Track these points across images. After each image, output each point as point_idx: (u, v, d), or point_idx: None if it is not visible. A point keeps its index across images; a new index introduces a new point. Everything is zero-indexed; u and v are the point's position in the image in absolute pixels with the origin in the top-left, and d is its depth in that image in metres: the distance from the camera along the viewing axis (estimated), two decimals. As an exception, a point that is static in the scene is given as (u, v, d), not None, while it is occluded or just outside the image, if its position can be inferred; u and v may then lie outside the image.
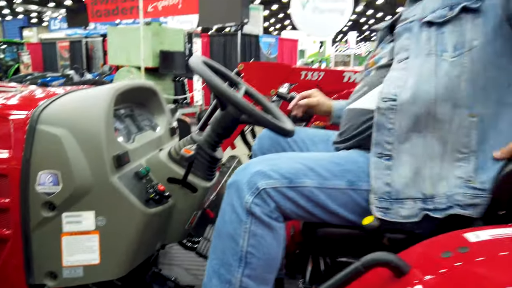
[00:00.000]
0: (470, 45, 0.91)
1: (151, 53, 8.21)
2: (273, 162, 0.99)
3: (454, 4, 0.94)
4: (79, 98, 1.08)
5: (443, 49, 0.93)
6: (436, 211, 0.91)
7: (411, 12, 1.05)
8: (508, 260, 0.66)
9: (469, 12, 0.92)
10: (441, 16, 0.95)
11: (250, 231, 0.92)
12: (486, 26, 0.91)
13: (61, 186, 0.96)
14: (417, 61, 0.96)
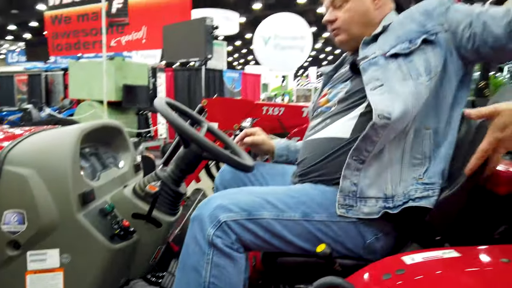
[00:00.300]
0: (436, 71, 1.07)
1: (114, 87, 8.19)
2: (233, 196, 1.06)
3: (411, 39, 1.10)
4: (45, 138, 1.12)
5: (418, 73, 1.08)
6: (394, 208, 1.04)
7: (368, 51, 1.19)
8: (437, 278, 0.75)
9: (429, 43, 1.09)
10: (405, 48, 1.11)
11: (212, 262, 0.98)
12: (442, 54, 1.08)
13: (26, 225, 0.99)
14: (396, 85, 1.08)
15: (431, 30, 1.09)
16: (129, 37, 12.50)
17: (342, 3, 1.25)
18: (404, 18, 1.17)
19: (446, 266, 0.78)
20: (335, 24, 1.28)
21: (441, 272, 0.77)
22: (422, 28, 1.11)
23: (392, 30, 1.17)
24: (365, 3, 1.24)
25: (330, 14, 1.28)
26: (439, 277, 0.76)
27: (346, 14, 1.25)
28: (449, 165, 1.08)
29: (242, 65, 38.52)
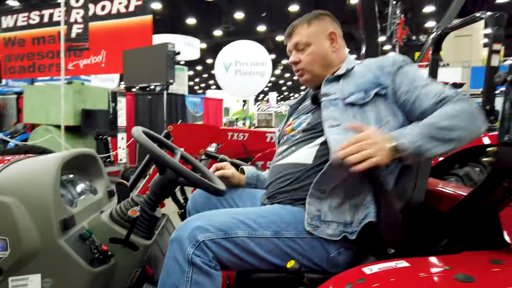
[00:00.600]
0: (386, 120, 1.24)
1: (72, 112, 8.03)
2: (209, 217, 1.15)
3: (367, 89, 1.27)
4: (26, 167, 1.16)
5: (368, 123, 1.23)
6: (352, 233, 1.16)
7: (330, 89, 1.35)
8: (391, 284, 0.87)
9: (380, 96, 1.26)
10: (361, 99, 1.26)
11: (192, 280, 1.05)
12: (392, 106, 1.25)
13: (9, 251, 1.02)
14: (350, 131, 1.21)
15: (383, 84, 1.26)
16: (88, 61, 12.35)
17: (304, 47, 1.42)
18: (364, 67, 1.34)
19: (399, 274, 0.91)
20: (299, 65, 1.43)
21: (395, 279, 0.89)
22: (376, 80, 1.27)
23: (353, 76, 1.34)
24: (324, 47, 1.42)
25: (294, 56, 1.45)
26: (393, 284, 0.88)
27: (309, 57, 1.41)
28: None
29: (203, 89, 38.69)
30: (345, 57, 1.45)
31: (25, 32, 12.04)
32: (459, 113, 1.11)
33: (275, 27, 20.44)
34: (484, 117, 1.13)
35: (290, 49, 1.47)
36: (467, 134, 1.10)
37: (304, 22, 1.44)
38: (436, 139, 1.08)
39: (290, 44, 1.46)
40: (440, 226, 1.15)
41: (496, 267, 0.91)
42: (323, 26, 1.44)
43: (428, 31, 13.79)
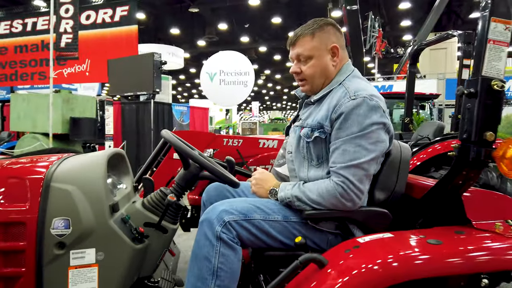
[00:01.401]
0: (326, 158, 1.45)
1: (60, 120, 8.11)
2: (231, 203, 1.40)
3: (313, 128, 1.46)
4: (80, 161, 1.39)
5: (311, 158, 1.49)
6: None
7: (303, 115, 1.58)
8: (379, 245, 1.14)
9: (320, 138, 1.44)
10: (307, 136, 1.47)
11: (219, 252, 1.29)
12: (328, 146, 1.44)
13: (71, 229, 1.25)
14: (298, 160, 1.52)
15: (324, 129, 1.42)
16: (72, 70, 12.39)
17: (306, 59, 1.50)
18: (329, 98, 1.46)
19: (385, 241, 1.18)
20: (301, 75, 1.54)
21: (382, 244, 1.17)
22: (323, 122, 1.42)
23: (321, 105, 1.49)
24: (325, 61, 1.50)
25: (296, 66, 1.54)
26: (381, 247, 1.15)
27: (310, 69, 1.50)
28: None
29: (186, 98, 38.79)
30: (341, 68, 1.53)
31: (8, 40, 12.03)
32: (327, 194, 1.34)
33: (258, 38, 20.85)
34: (352, 199, 1.32)
35: (292, 57, 1.55)
36: (332, 208, 1.36)
37: (308, 33, 1.48)
38: (302, 202, 1.39)
39: (293, 53, 1.53)
40: (416, 209, 1.44)
41: (459, 236, 1.20)
42: (326, 39, 1.49)
43: (405, 44, 14.40)
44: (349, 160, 1.33)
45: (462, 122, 1.21)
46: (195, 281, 1.30)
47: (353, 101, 1.37)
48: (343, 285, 1.05)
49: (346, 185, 1.32)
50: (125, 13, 12.23)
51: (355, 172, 1.33)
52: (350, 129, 1.35)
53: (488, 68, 1.15)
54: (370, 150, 1.34)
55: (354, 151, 1.34)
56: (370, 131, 1.35)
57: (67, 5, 7.83)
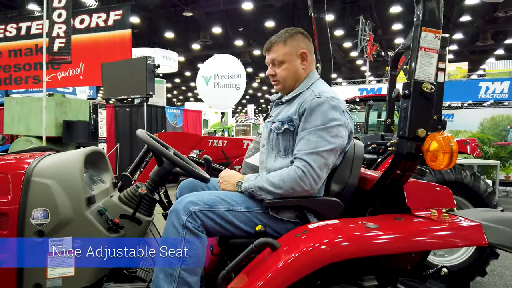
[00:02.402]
0: (292, 150, 1.61)
1: (54, 123, 8.22)
2: (198, 195, 1.53)
3: (283, 121, 1.64)
4: (59, 158, 1.52)
5: (279, 149, 1.66)
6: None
7: (273, 112, 1.76)
8: (324, 230, 1.28)
9: (290, 131, 1.62)
10: (277, 129, 1.65)
11: (185, 239, 1.43)
12: (295, 138, 1.61)
13: (50, 219, 1.38)
14: (267, 151, 1.68)
15: (293, 122, 1.61)
16: (66, 73, 12.49)
17: (279, 63, 1.71)
18: (300, 97, 1.66)
19: (331, 226, 1.32)
20: (275, 77, 1.74)
21: (328, 229, 1.31)
22: (292, 116, 1.61)
23: (291, 104, 1.67)
24: (296, 65, 1.71)
25: (271, 69, 1.75)
26: (326, 231, 1.29)
27: (283, 72, 1.71)
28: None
29: (181, 101, 38.92)
30: (309, 72, 1.74)
31: (2, 44, 12.11)
32: (288, 177, 1.50)
33: (252, 42, 21.04)
34: (310, 183, 1.47)
35: (268, 62, 1.75)
36: (290, 193, 1.50)
37: (281, 41, 1.69)
38: (263, 190, 1.53)
39: (268, 58, 1.74)
40: (365, 200, 1.58)
41: (397, 221, 1.34)
42: (296, 46, 1.70)
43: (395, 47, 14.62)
44: (311, 148, 1.51)
45: (399, 120, 1.36)
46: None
47: (318, 99, 1.57)
48: (291, 263, 1.19)
49: (307, 169, 1.48)
50: (118, 17, 12.34)
51: (316, 158, 1.49)
52: (314, 122, 1.54)
53: (420, 72, 1.29)
54: (330, 142, 1.52)
55: (316, 141, 1.51)
56: (331, 126, 1.53)
57: (60, 10, 7.95)
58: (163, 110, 10.52)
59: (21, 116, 8.64)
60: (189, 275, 1.43)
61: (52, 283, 1.37)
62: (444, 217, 1.30)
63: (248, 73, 27.54)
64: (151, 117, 10.04)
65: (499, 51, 20.77)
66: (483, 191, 3.41)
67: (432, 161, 1.26)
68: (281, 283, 1.19)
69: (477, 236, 1.20)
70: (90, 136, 8.85)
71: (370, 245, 1.19)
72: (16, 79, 12.27)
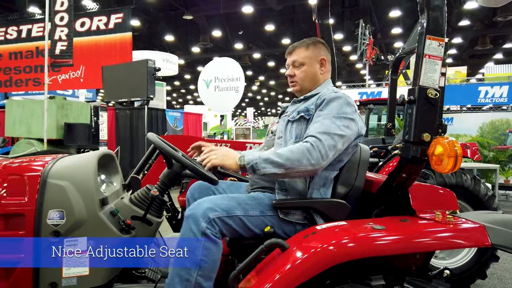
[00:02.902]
0: (301, 137, 1.67)
1: (55, 125, 8.24)
2: (214, 201, 1.57)
3: (299, 111, 1.72)
4: (73, 161, 1.56)
5: (291, 137, 1.72)
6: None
7: (290, 108, 1.83)
8: (332, 232, 1.32)
9: (304, 119, 1.70)
10: (293, 117, 1.74)
11: (203, 246, 1.46)
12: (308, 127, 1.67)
13: (65, 220, 1.42)
14: (284, 141, 1.73)
15: (309, 111, 1.69)
16: (66, 76, 12.52)
17: (299, 65, 1.81)
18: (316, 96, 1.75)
19: (338, 227, 1.37)
20: (293, 78, 1.83)
21: (335, 230, 1.35)
22: (309, 107, 1.70)
23: (308, 101, 1.76)
24: (315, 68, 1.81)
25: (290, 70, 1.84)
26: (334, 232, 1.33)
27: (302, 74, 1.81)
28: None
29: (180, 104, 38.98)
30: (326, 79, 1.86)
31: (2, 46, 12.15)
32: (296, 149, 1.51)
33: (251, 45, 21.13)
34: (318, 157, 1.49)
35: (288, 64, 1.85)
36: (295, 167, 1.49)
37: (303, 45, 1.82)
38: (269, 162, 1.51)
39: (290, 60, 1.83)
40: (371, 202, 1.62)
41: (403, 223, 1.38)
42: (317, 52, 1.82)
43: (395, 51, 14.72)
44: (324, 129, 1.56)
45: (404, 125, 1.40)
46: (179, 270, 1.46)
47: (335, 93, 1.69)
48: (300, 263, 1.23)
49: (316, 144, 1.51)
50: (119, 20, 12.40)
51: (327, 137, 1.54)
52: (330, 110, 1.63)
53: (424, 79, 1.34)
54: (341, 129, 1.58)
55: (329, 124, 1.58)
56: (344, 117, 1.62)
57: (62, 13, 8.00)
58: (164, 113, 10.56)
59: (22, 119, 8.67)
60: (205, 281, 1.47)
61: (67, 282, 1.41)
62: (448, 219, 1.34)
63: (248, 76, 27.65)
64: (152, 120, 10.09)
65: (498, 55, 20.90)
66: (483, 195, 3.45)
67: (437, 165, 1.31)
68: (291, 283, 1.23)
69: (481, 237, 1.25)
70: (91, 138, 8.87)
71: (376, 246, 1.23)
72: (17, 81, 12.31)
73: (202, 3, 16.38)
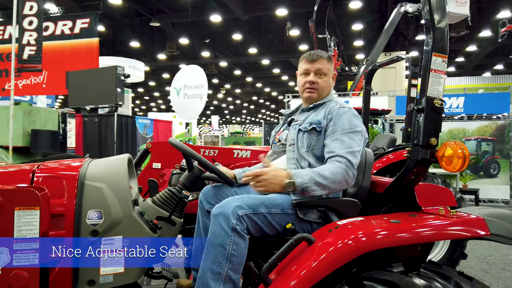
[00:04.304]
0: (312, 148, 1.85)
1: (21, 133, 7.97)
2: (241, 199, 1.68)
3: (311, 123, 1.88)
4: (106, 163, 1.63)
5: (302, 146, 1.87)
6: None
7: (299, 118, 1.98)
8: (354, 225, 1.48)
9: (316, 130, 1.86)
10: (304, 128, 1.89)
11: (233, 241, 1.57)
12: (321, 140, 1.85)
13: (103, 219, 1.48)
14: (296, 148, 1.86)
15: (321, 124, 1.86)
16: (27, 81, 12.10)
17: (323, 75, 1.97)
18: (326, 106, 1.92)
19: (359, 222, 1.53)
20: (315, 85, 1.97)
21: (357, 224, 1.51)
22: (320, 119, 1.87)
23: (318, 111, 1.93)
24: (330, 81, 2.01)
25: (313, 77, 1.97)
26: (356, 225, 1.49)
27: (323, 84, 1.97)
28: None
29: (144, 111, 38.33)
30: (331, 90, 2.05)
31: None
32: (336, 171, 1.68)
33: (218, 54, 21.26)
34: (352, 177, 1.70)
35: (310, 70, 1.97)
36: (336, 188, 1.70)
37: (325, 57, 1.98)
38: (318, 185, 1.66)
39: (313, 67, 1.96)
40: (379, 201, 1.80)
41: (413, 217, 1.56)
42: (331, 67, 2.02)
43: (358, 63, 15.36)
44: (347, 148, 1.74)
45: (413, 131, 1.60)
46: (210, 264, 1.56)
47: (343, 109, 1.87)
48: (328, 254, 1.38)
49: (348, 166, 1.70)
50: (85, 25, 12.17)
51: (352, 157, 1.73)
52: (343, 125, 1.80)
53: (431, 90, 1.54)
54: (359, 144, 1.78)
55: (349, 142, 1.76)
56: (356, 131, 1.80)
57: (31, 17, 7.78)
58: (134, 120, 10.43)
59: (-14, 126, 8.30)
60: (234, 274, 1.58)
61: (104, 279, 1.47)
62: (452, 213, 1.54)
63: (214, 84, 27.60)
64: (122, 127, 9.94)
65: (451, 68, 22.26)
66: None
67: (447, 165, 1.50)
68: (322, 271, 1.37)
69: (482, 228, 1.45)
70: (59, 146, 8.63)
71: (398, 237, 1.40)
72: (-25, 87, 11.74)
73: (170, 11, 16.35)
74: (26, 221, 1.22)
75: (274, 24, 17.25)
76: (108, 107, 10.23)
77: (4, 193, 1.21)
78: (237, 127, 50.76)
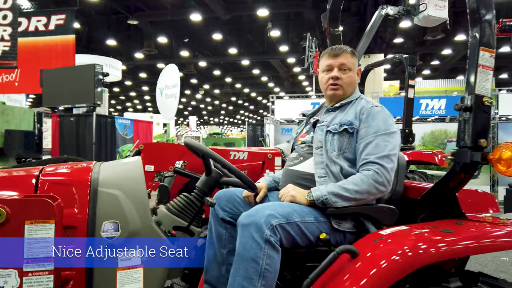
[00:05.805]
0: (343, 151, 1.70)
1: (-6, 133, 7.54)
2: (273, 207, 1.52)
3: (342, 124, 1.73)
4: (119, 167, 1.44)
5: (333, 149, 1.71)
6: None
7: (325, 118, 1.82)
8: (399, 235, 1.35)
9: (348, 132, 1.71)
10: (334, 129, 1.73)
11: (267, 254, 1.40)
12: (352, 142, 1.71)
13: (120, 231, 1.29)
14: (325, 151, 1.71)
15: (353, 125, 1.72)
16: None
17: (347, 70, 1.82)
18: (354, 105, 1.79)
19: (404, 231, 1.39)
20: (339, 81, 1.82)
21: (404, 234, 1.38)
22: (351, 120, 1.73)
23: (345, 110, 1.79)
24: (355, 76, 1.87)
25: (337, 73, 1.82)
26: (403, 235, 1.36)
27: (348, 79, 1.83)
28: None
29: (119, 112, 37.46)
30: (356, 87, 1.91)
31: None
32: (361, 181, 1.57)
33: (197, 53, 20.92)
34: (384, 183, 1.57)
35: (333, 65, 1.83)
36: (365, 198, 1.58)
37: (349, 52, 1.85)
38: (339, 197, 1.56)
39: (336, 62, 1.82)
40: (416, 207, 1.68)
41: (461, 226, 1.44)
42: (356, 61, 1.89)
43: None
44: (382, 151, 1.62)
45: (458, 132, 1.48)
46: (241, 280, 1.39)
47: (376, 108, 1.75)
48: (379, 270, 1.24)
49: (381, 171, 1.57)
50: (61, 22, 11.69)
51: (387, 161, 1.60)
52: (377, 126, 1.68)
53: (479, 87, 1.43)
54: (395, 147, 1.66)
55: (384, 145, 1.63)
56: (392, 132, 1.69)
57: (5, 11, 7.37)
58: (113, 120, 10.06)
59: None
60: None
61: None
62: (502, 221, 1.43)
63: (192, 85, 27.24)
64: (101, 128, 9.56)
65: (426, 71, 22.73)
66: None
67: (507, 168, 1.39)
68: (374, 287, 1.23)
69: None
70: (34, 147, 8.22)
71: (457, 249, 1.27)
72: None
73: (148, 9, 15.94)
74: (38, 237, 1.02)
75: (254, 24, 17.10)
76: (86, 106, 9.82)
77: (11, 204, 1.00)
78: (215, 128, 50.33)
